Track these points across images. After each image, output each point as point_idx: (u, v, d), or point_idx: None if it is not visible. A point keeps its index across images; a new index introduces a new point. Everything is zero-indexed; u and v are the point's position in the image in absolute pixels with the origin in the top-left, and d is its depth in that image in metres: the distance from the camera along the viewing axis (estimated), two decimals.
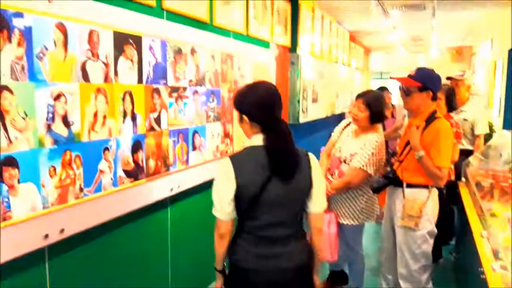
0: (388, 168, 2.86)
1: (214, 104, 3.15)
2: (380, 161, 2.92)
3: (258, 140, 1.79)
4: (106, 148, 2.15)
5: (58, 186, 1.88)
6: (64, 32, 1.85)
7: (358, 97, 3.00)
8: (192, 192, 2.95)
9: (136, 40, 2.31)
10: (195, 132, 2.92)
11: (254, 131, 1.82)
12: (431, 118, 2.67)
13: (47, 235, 1.83)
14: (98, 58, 2.05)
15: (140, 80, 2.36)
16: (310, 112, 5.35)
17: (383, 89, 5.10)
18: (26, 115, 1.71)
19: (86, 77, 1.99)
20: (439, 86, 2.80)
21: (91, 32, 2.00)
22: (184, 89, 2.77)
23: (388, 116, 4.97)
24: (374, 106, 2.90)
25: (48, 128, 1.82)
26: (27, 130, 1.72)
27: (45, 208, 1.82)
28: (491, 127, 5.70)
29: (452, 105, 3.88)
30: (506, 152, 3.92)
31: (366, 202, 3.01)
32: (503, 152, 3.95)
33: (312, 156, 1.88)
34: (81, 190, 2.01)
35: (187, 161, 2.85)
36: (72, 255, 2.03)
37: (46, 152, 1.82)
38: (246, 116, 1.81)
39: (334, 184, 2.93)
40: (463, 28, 8.31)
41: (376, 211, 3.12)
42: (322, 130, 6.33)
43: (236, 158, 1.78)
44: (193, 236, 3.00)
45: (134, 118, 2.33)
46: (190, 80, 2.83)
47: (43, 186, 1.81)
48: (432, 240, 2.78)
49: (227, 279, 1.92)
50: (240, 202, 1.77)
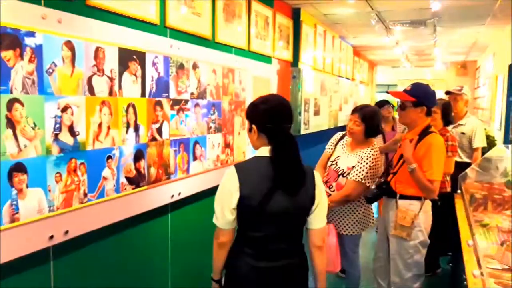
0: (382, 179, 2.92)
1: (215, 116, 3.30)
2: (376, 173, 2.99)
3: (265, 151, 1.81)
4: (110, 157, 2.29)
5: (64, 191, 2.02)
6: (72, 49, 2.01)
7: (354, 111, 3.06)
8: (192, 199, 3.08)
9: (140, 56, 2.47)
10: (196, 143, 3.06)
11: (261, 142, 1.84)
12: (424, 133, 2.75)
13: (52, 236, 1.96)
14: (103, 73, 2.20)
15: (143, 94, 2.51)
16: (312, 124, 5.48)
17: (385, 102, 5.18)
18: (35, 125, 1.85)
19: (91, 90, 2.14)
20: (433, 102, 2.87)
21: (97, 49, 2.15)
22: (186, 101, 2.92)
23: (389, 129, 5.06)
24: (370, 121, 2.96)
25: (55, 137, 1.96)
26: (36, 139, 1.86)
27: (51, 211, 1.95)
28: (492, 140, 5.78)
29: (448, 119, 3.97)
30: (503, 165, 4.01)
31: (363, 213, 3.08)
32: (500, 165, 4.04)
33: (317, 174, 1.90)
34: (85, 195, 2.15)
35: (188, 170, 2.99)
36: (75, 256, 2.16)
37: (53, 160, 1.96)
38: (255, 126, 1.84)
39: (333, 196, 2.96)
40: (466, 43, 8.41)
41: (372, 221, 3.20)
42: (324, 141, 6.43)
43: (241, 168, 1.80)
44: (193, 241, 3.12)
45: (136, 129, 2.48)
46: (192, 93, 2.98)
47: (50, 190, 1.95)
48: (424, 250, 2.84)
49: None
50: (243, 212, 1.78)
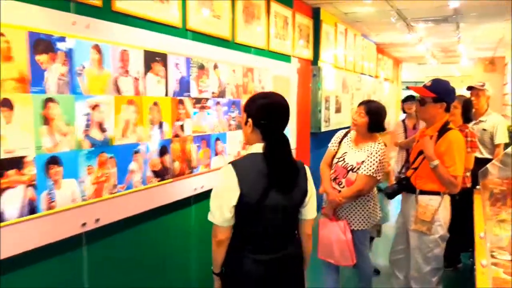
0: (402, 175, 2.94)
1: (235, 114, 3.45)
2: (383, 167, 3.04)
3: (259, 148, 1.83)
4: (136, 151, 2.47)
5: (95, 182, 2.21)
6: (100, 52, 2.20)
7: (361, 104, 3.13)
8: None
9: (163, 58, 2.64)
10: (217, 139, 3.22)
11: (254, 137, 1.86)
12: (443, 129, 2.77)
13: (84, 223, 2.15)
14: (129, 74, 2.39)
15: (166, 93, 2.69)
16: (333, 121, 5.57)
17: (409, 98, 5.22)
18: (68, 122, 2.05)
19: (118, 90, 2.32)
20: (453, 98, 2.90)
21: (123, 52, 2.34)
22: (207, 100, 3.08)
23: (411, 125, 5.09)
24: (374, 115, 3.01)
25: (86, 133, 2.15)
26: (69, 135, 2.06)
27: (83, 200, 2.14)
28: None
29: (468, 116, 3.98)
30: None
31: (373, 207, 3.13)
32: None
33: (307, 167, 1.96)
34: (114, 186, 2.33)
35: (210, 164, 3.16)
36: (105, 242, 2.35)
37: (85, 153, 2.15)
38: (251, 119, 1.84)
39: (345, 192, 3.00)
40: (492, 39, 8.30)
41: (379, 215, 3.24)
42: None
43: (238, 165, 1.80)
44: None
45: (161, 126, 2.66)
46: (213, 92, 3.14)
47: (82, 181, 2.14)
48: (443, 244, 2.87)
49: (225, 284, 1.94)
50: (241, 209, 1.78)
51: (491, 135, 4.37)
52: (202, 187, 3.05)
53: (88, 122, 2.15)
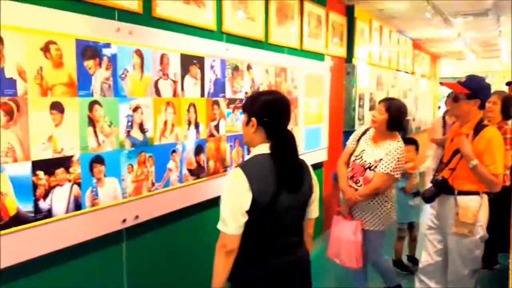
0: (439, 177, 2.82)
1: None
2: (402, 165, 3.00)
3: (265, 148, 1.76)
4: (174, 151, 2.58)
5: (135, 180, 2.33)
6: (141, 56, 2.31)
7: (381, 101, 3.09)
8: None
9: (200, 61, 2.74)
10: None
11: (258, 137, 1.79)
12: (479, 126, 2.68)
13: (125, 220, 2.28)
14: (168, 77, 2.49)
15: (202, 94, 2.78)
16: (367, 119, 5.55)
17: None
18: (111, 123, 2.17)
19: (158, 92, 2.43)
20: (487, 95, 2.83)
21: (162, 56, 2.44)
22: (241, 100, 3.16)
23: (450, 122, 5.01)
24: (394, 112, 2.96)
25: (128, 133, 2.27)
26: (112, 135, 2.18)
27: (124, 197, 2.27)
28: None
29: (508, 112, 3.91)
30: None
31: (390, 208, 3.07)
32: None
33: (309, 166, 1.92)
34: (152, 184, 2.45)
35: (245, 159, 3.23)
36: (144, 238, 2.47)
37: (126, 153, 2.27)
38: (254, 119, 1.77)
39: (362, 190, 2.97)
40: None
41: (394, 216, 3.19)
42: None
43: (247, 168, 1.72)
44: None
45: (197, 126, 2.76)
46: (246, 93, 3.21)
47: (123, 180, 2.26)
48: (483, 245, 2.80)
49: None
50: (252, 212, 1.70)
51: None
52: None
53: (129, 123, 2.27)
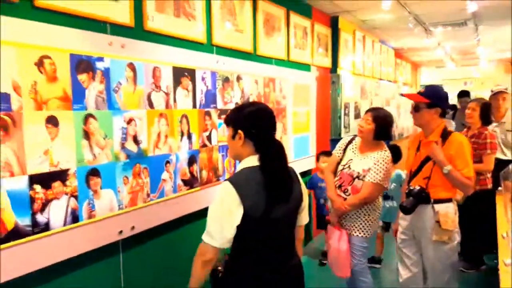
0: (416, 188, 2.77)
1: None
2: (390, 174, 3.02)
3: (254, 160, 1.74)
4: (168, 162, 2.61)
5: (130, 191, 2.35)
6: (134, 70, 2.34)
7: (368, 111, 3.07)
8: None
9: (191, 73, 2.77)
10: None
11: (246, 150, 1.76)
12: (445, 133, 2.75)
13: (121, 231, 2.29)
14: (160, 89, 2.52)
15: (194, 105, 2.82)
16: (352, 127, 5.63)
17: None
18: (106, 136, 2.19)
19: (151, 104, 2.46)
20: (446, 104, 2.91)
21: (154, 69, 2.48)
22: None
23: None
24: (381, 122, 2.96)
25: (122, 146, 2.29)
26: (107, 148, 2.20)
27: (120, 209, 2.28)
28: None
29: (486, 118, 4.04)
30: None
31: (377, 216, 3.09)
32: None
33: (297, 173, 1.91)
34: (148, 195, 2.47)
35: (234, 172, 3.26)
36: (140, 248, 2.48)
37: (121, 165, 2.29)
38: (241, 131, 1.74)
39: (350, 200, 2.96)
40: None
41: (377, 224, 3.20)
42: None
43: (237, 182, 1.68)
44: None
45: (189, 137, 2.79)
46: (236, 103, 3.26)
47: (119, 191, 2.28)
48: (458, 249, 2.88)
49: None
50: (244, 225, 1.67)
51: None
52: None
53: (124, 136, 2.29)
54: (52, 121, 1.90)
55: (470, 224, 4.24)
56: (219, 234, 1.66)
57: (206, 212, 1.62)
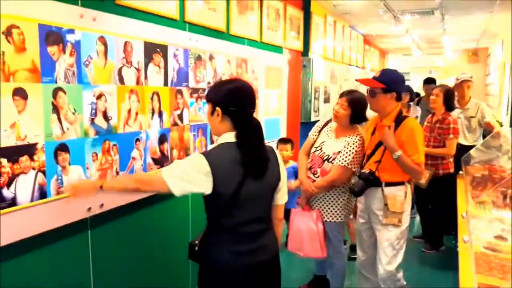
0: (366, 171, 2.82)
1: None
2: (360, 159, 2.96)
3: (230, 137, 1.76)
4: (138, 139, 2.57)
5: (99, 168, 2.31)
6: (105, 43, 2.28)
7: (342, 95, 3.04)
8: None
9: (163, 49, 2.73)
10: None
11: (224, 126, 1.78)
12: (399, 118, 2.75)
13: (90, 208, 2.25)
14: (131, 65, 2.48)
15: (165, 83, 2.78)
16: (322, 111, 5.71)
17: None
18: (75, 110, 2.14)
19: (122, 80, 2.41)
20: (402, 87, 2.86)
21: (126, 43, 2.43)
22: (204, 90, 3.18)
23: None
24: (356, 106, 2.95)
25: (92, 121, 2.24)
26: (76, 123, 2.15)
27: None
28: (500, 125, 5.97)
29: (450, 104, 4.17)
30: (505, 147, 4.23)
31: (347, 199, 3.07)
32: (503, 147, 4.26)
33: (278, 152, 1.96)
34: (117, 173, 2.43)
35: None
36: (109, 226, 2.45)
37: (90, 141, 2.24)
38: (219, 108, 1.75)
39: (318, 182, 2.97)
40: (476, 30, 8.51)
41: (353, 208, 3.20)
42: None
43: (210, 156, 1.71)
44: None
45: (160, 115, 2.75)
46: (209, 82, 3.24)
47: (88, 168, 2.23)
48: (407, 233, 2.88)
49: (203, 280, 1.88)
50: (217, 200, 1.73)
51: (479, 121, 4.58)
52: None
53: (93, 111, 2.24)
54: (20, 93, 1.84)
55: (432, 207, 4.41)
56: (179, 179, 1.69)
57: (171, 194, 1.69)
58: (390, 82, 2.73)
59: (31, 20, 1.87)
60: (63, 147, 2.08)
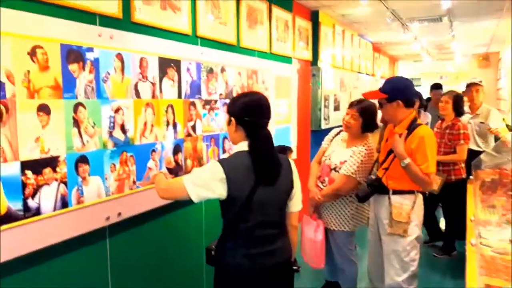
0: (372, 176, 2.84)
1: None
2: (368, 169, 2.98)
3: (244, 146, 1.89)
4: (153, 150, 2.68)
5: (117, 179, 2.42)
6: (122, 60, 2.40)
7: (352, 105, 3.07)
8: None
9: (176, 63, 2.84)
10: (224, 138, 3.42)
11: (239, 135, 1.92)
12: (412, 126, 2.71)
13: (108, 217, 2.35)
14: (147, 79, 2.59)
15: (179, 96, 2.89)
16: (332, 118, 5.78)
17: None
18: (95, 124, 2.25)
19: (138, 94, 2.53)
20: (408, 93, 2.76)
21: (141, 59, 2.54)
22: (215, 101, 3.28)
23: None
24: (367, 116, 2.98)
25: (110, 134, 2.35)
26: (95, 136, 2.26)
27: (107, 195, 2.34)
28: (510, 129, 5.97)
29: (459, 110, 4.21)
30: None
31: (356, 209, 3.07)
32: None
33: (292, 162, 2.05)
34: (134, 182, 2.54)
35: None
36: (126, 234, 2.55)
37: (109, 153, 2.35)
38: (234, 118, 1.91)
39: (324, 191, 3.00)
40: (485, 36, 8.52)
41: (367, 217, 3.15)
42: None
43: (225, 163, 1.84)
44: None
45: (175, 126, 2.86)
46: (220, 94, 3.34)
47: (106, 178, 2.34)
48: (419, 246, 2.79)
49: (218, 282, 1.97)
50: (231, 206, 1.84)
51: (488, 126, 4.60)
52: None
53: (111, 124, 2.35)
54: (43, 109, 1.96)
55: (444, 212, 4.45)
56: (199, 187, 1.83)
57: (189, 201, 1.83)
58: (392, 91, 2.73)
59: (54, 40, 1.99)
60: (83, 159, 2.19)
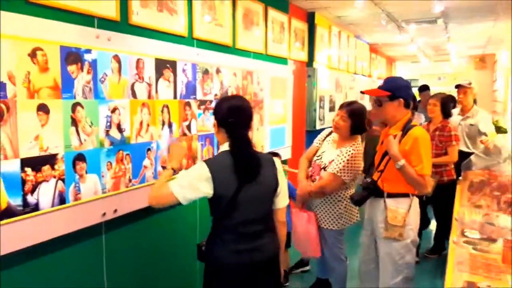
0: (368, 179, 2.79)
1: None
2: (354, 169, 2.99)
3: (226, 146, 2.01)
4: (149, 149, 2.76)
5: (113, 177, 2.50)
6: (119, 61, 2.48)
7: (342, 107, 3.07)
8: None
9: (172, 65, 2.92)
10: None
11: (221, 137, 2.05)
12: (407, 127, 2.65)
13: (104, 213, 2.43)
14: (143, 80, 2.67)
15: (175, 96, 2.97)
16: (327, 119, 5.86)
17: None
18: (92, 123, 2.33)
19: (134, 94, 2.60)
20: (408, 93, 2.74)
21: (138, 60, 2.62)
22: (211, 102, 3.36)
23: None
24: (356, 117, 3.00)
25: (107, 133, 2.43)
26: (92, 135, 2.33)
27: (103, 192, 2.42)
28: (504, 131, 6.06)
29: (447, 112, 4.27)
30: (506, 151, 4.34)
31: (345, 207, 3.09)
32: (503, 151, 4.37)
33: (277, 159, 2.15)
34: (130, 180, 2.62)
35: None
36: (122, 230, 2.63)
37: (105, 151, 2.43)
38: (216, 120, 2.06)
39: (311, 187, 3.05)
40: (481, 37, 8.59)
41: (356, 217, 3.20)
42: None
43: (210, 162, 1.96)
44: None
45: (170, 126, 2.94)
46: (215, 94, 3.42)
47: (103, 176, 2.42)
48: (414, 250, 2.75)
49: (207, 277, 2.07)
50: (218, 204, 1.96)
51: (478, 129, 4.64)
52: None
53: (108, 123, 2.43)
54: (43, 108, 2.03)
55: (435, 213, 4.53)
56: (186, 188, 1.93)
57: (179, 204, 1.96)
58: (395, 89, 2.67)
59: (53, 42, 2.07)
60: (80, 157, 2.27)
